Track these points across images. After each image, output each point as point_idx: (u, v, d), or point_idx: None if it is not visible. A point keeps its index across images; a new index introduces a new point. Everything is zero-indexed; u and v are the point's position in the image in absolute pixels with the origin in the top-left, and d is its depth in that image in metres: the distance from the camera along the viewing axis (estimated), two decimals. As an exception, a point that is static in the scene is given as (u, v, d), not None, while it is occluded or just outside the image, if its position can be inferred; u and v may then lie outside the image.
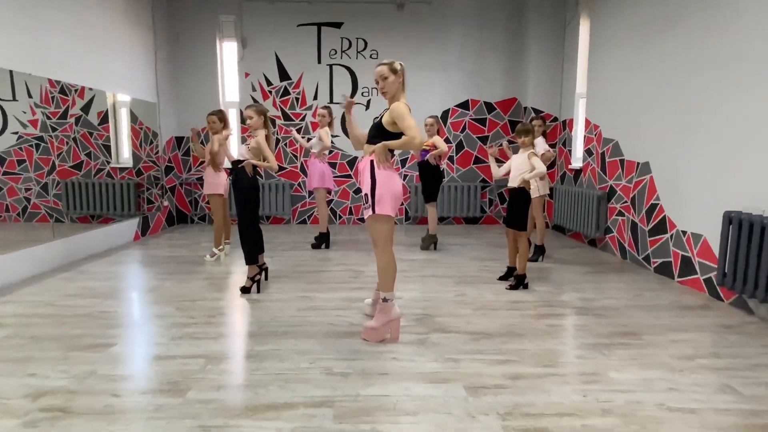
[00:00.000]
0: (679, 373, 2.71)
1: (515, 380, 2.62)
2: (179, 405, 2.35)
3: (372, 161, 3.07)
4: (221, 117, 5.27)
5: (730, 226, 3.80)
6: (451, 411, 2.31)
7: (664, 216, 4.79)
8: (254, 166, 4.11)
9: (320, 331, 3.31)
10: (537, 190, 5.08)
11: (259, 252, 4.24)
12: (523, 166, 4.28)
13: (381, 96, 3.21)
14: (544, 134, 5.50)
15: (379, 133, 3.13)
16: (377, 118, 3.31)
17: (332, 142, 6.25)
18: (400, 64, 3.17)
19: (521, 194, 4.32)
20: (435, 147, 5.73)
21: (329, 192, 6.40)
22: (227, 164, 5.20)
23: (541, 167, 4.22)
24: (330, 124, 6.09)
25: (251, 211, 4.17)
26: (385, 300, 3.13)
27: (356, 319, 3.55)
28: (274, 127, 7.55)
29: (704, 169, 4.25)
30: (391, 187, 3.06)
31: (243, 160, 4.11)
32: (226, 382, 2.58)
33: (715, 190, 4.11)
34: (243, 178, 4.09)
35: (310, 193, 7.67)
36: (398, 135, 3.10)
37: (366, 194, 3.08)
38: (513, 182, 4.35)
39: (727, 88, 3.98)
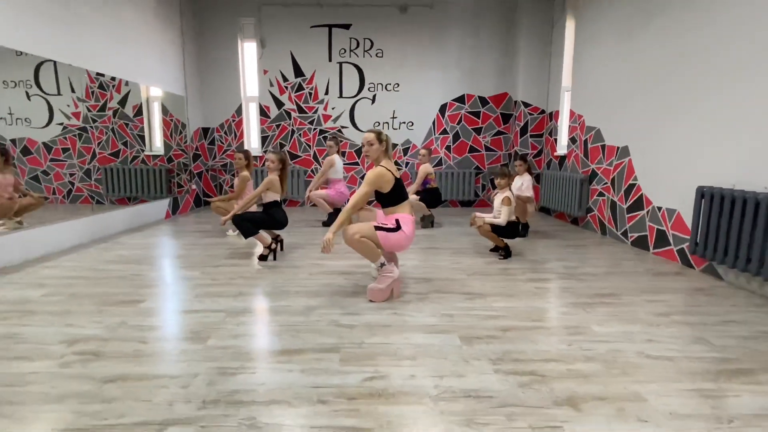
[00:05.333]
0: (656, 327, 2.63)
1: (505, 332, 2.54)
2: (200, 350, 2.28)
3: (398, 221, 3.06)
4: (247, 156, 5.08)
5: (702, 200, 3.69)
6: (447, 357, 2.23)
7: (641, 194, 4.66)
8: (266, 204, 4.21)
9: (329, 291, 3.23)
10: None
11: (254, 232, 4.11)
12: (499, 207, 4.25)
13: (367, 154, 3.14)
14: (529, 171, 5.36)
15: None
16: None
17: (341, 166, 6.11)
18: (386, 135, 3.15)
19: (497, 228, 4.23)
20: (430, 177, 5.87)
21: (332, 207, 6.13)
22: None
23: (503, 221, 4.16)
24: (339, 152, 5.99)
25: (256, 223, 4.12)
26: (382, 265, 3.06)
27: (362, 281, 3.48)
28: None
29: (678, 150, 4.12)
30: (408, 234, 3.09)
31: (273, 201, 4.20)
32: (242, 332, 2.51)
33: (688, 168, 3.99)
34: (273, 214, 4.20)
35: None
36: (389, 194, 3.06)
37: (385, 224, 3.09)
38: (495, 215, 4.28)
39: (699, 78, 3.83)
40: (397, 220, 3.03)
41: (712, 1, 3.73)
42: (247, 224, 4.03)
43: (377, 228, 3.00)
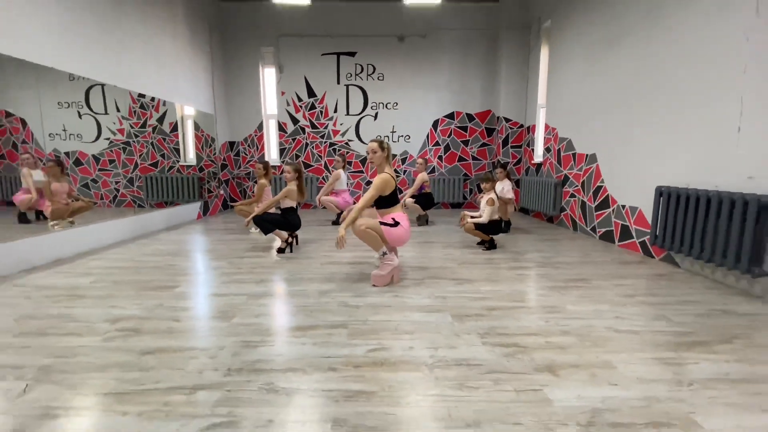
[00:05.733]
0: (623, 307, 2.59)
1: (491, 311, 2.50)
2: (226, 327, 2.26)
3: (394, 219, 3.03)
4: (265, 166, 5.08)
5: (661, 198, 3.65)
6: (441, 332, 2.20)
7: (608, 195, 4.63)
8: (284, 209, 4.16)
9: (338, 278, 3.21)
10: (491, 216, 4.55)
11: (271, 230, 4.09)
12: (484, 207, 4.21)
13: (371, 163, 3.14)
14: (508, 177, 5.34)
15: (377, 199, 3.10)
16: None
17: (345, 179, 6.01)
18: (387, 144, 3.08)
19: (482, 225, 4.20)
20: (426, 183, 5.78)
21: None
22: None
23: (485, 219, 4.13)
24: (343, 167, 5.94)
25: (273, 223, 4.09)
26: (384, 254, 3.03)
27: (367, 269, 3.45)
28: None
29: (640, 156, 4.09)
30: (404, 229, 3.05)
31: (289, 207, 4.15)
32: (263, 312, 2.49)
33: (648, 171, 3.95)
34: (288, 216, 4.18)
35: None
36: (387, 198, 3.02)
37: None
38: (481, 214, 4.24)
39: (657, 94, 3.81)
40: (393, 218, 3.02)
41: (667, 32, 3.71)
42: (266, 224, 4.02)
43: (381, 223, 2.99)
